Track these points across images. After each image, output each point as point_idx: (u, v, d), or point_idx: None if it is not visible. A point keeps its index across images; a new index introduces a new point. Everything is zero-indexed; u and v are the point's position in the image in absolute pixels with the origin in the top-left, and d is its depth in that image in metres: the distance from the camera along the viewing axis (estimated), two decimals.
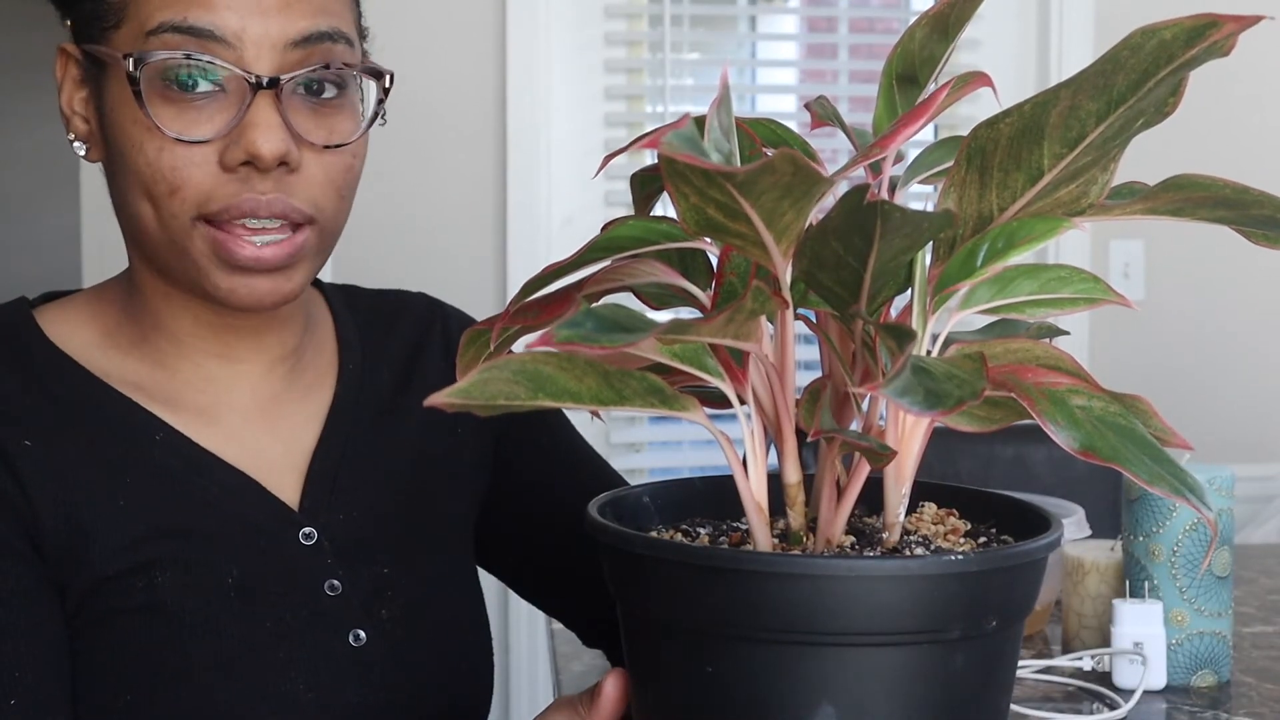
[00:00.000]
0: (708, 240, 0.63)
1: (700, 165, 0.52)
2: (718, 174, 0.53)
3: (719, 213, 0.57)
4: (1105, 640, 1.30)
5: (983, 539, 0.69)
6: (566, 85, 2.61)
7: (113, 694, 0.93)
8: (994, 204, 0.63)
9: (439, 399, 0.57)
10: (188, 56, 0.89)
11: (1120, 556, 1.35)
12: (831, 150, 2.52)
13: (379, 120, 0.98)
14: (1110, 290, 0.63)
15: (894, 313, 0.66)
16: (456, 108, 2.55)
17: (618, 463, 2.65)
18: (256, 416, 1.02)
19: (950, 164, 0.67)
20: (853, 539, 0.67)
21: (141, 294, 0.99)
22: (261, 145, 0.88)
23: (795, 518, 0.66)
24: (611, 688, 0.83)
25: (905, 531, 0.68)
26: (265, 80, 0.89)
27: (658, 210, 0.74)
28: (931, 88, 0.69)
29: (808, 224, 0.59)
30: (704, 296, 0.65)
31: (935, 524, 0.70)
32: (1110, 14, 2.67)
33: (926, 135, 2.26)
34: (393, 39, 1.00)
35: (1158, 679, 1.27)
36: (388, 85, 0.96)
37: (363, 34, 1.00)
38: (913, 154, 0.76)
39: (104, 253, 2.47)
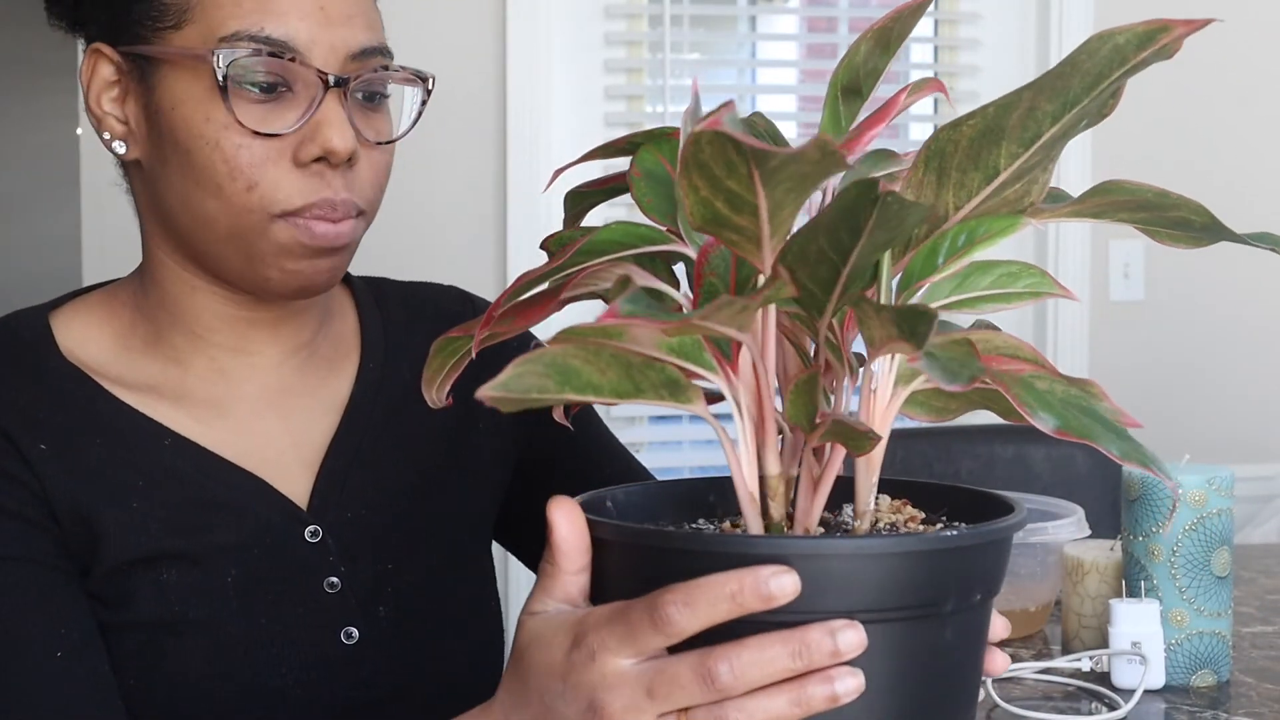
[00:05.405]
0: (685, 243, 0.64)
1: (753, 145, 0.52)
2: (756, 154, 0.53)
3: (726, 206, 0.57)
4: (1105, 640, 1.30)
5: (940, 524, 0.72)
6: (566, 85, 2.61)
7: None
8: (950, 203, 0.65)
9: (484, 392, 0.57)
10: (270, 54, 0.93)
11: (1120, 556, 1.35)
12: None
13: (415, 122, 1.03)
14: (1056, 284, 0.67)
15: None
16: (456, 107, 2.55)
17: None
18: (267, 408, 1.03)
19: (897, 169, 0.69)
20: (822, 531, 0.69)
21: (160, 289, 1.01)
22: (335, 141, 0.93)
23: (776, 509, 0.67)
24: (561, 523, 0.67)
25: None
26: (335, 79, 0.94)
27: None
28: (874, 100, 0.72)
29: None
30: (681, 299, 0.66)
31: (894, 514, 0.72)
32: (1110, 13, 2.67)
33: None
34: (393, 39, 1.02)
35: (1157, 679, 1.27)
36: (430, 88, 1.02)
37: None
38: None
39: (104, 253, 2.47)
